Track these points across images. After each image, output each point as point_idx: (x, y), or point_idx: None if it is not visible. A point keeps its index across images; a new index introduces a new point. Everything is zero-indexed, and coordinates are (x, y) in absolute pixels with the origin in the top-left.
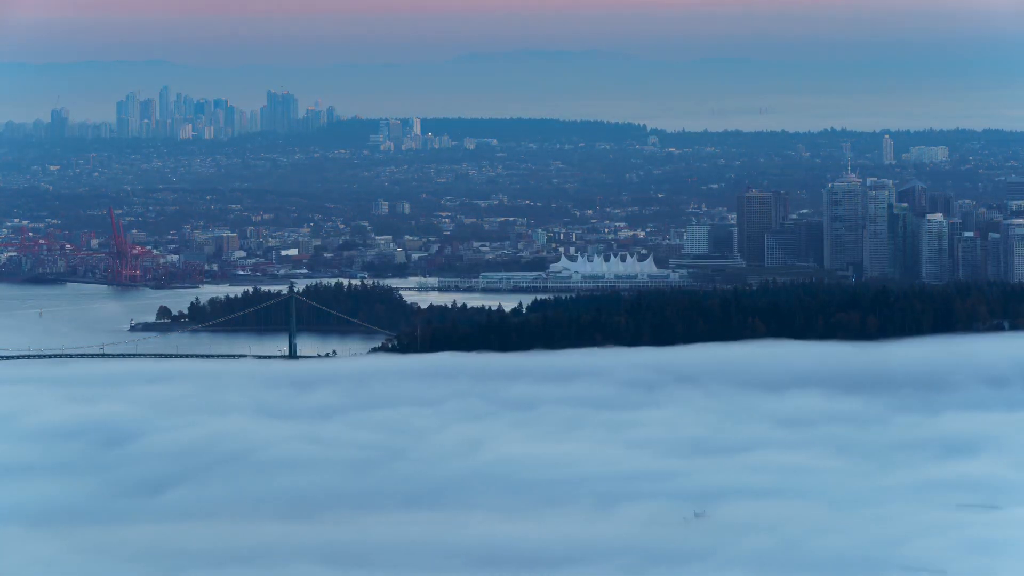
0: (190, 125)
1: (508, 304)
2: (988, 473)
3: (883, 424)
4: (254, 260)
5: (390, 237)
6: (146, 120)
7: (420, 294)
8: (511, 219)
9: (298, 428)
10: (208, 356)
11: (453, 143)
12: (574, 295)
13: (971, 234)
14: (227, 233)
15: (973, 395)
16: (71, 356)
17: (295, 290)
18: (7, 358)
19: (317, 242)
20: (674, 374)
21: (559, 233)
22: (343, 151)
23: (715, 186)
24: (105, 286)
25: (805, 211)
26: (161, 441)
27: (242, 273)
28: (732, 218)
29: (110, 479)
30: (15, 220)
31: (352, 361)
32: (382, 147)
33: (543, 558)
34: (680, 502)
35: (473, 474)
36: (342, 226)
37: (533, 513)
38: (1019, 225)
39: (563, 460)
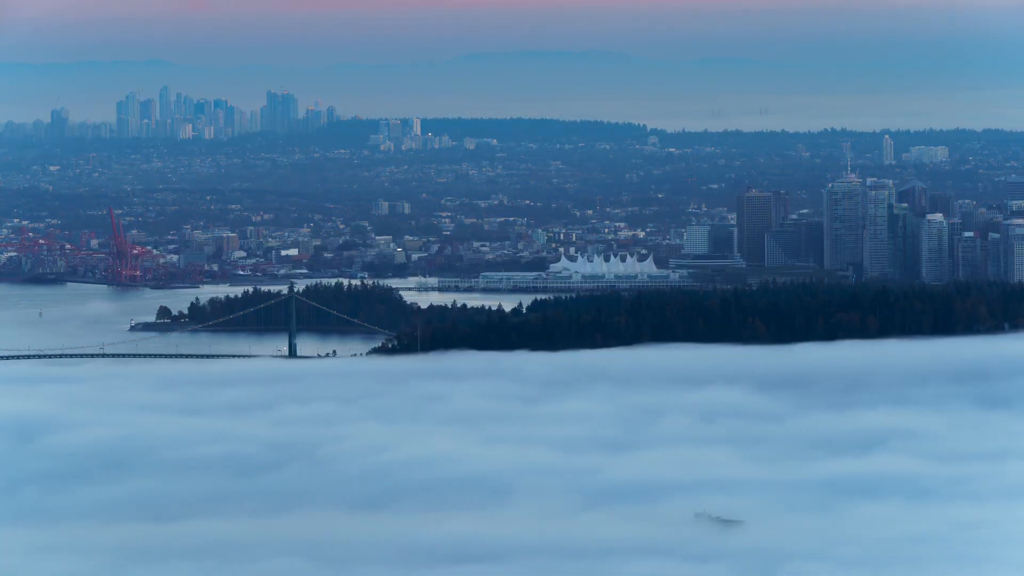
0: (190, 125)
1: (508, 304)
2: (894, 467)
3: (795, 420)
4: (254, 260)
5: (390, 237)
6: (146, 120)
7: (420, 294)
8: (511, 219)
9: (215, 425)
10: (208, 356)
11: (453, 143)
12: (574, 295)
13: (971, 234)
14: (227, 233)
15: (888, 394)
16: (71, 356)
17: (295, 290)
18: (7, 358)
19: (317, 242)
20: (600, 374)
21: (559, 233)
22: (343, 151)
23: (715, 186)
24: (105, 286)
25: (805, 211)
26: (71, 438)
27: (242, 273)
28: (732, 218)
29: (13, 474)
30: (15, 220)
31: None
32: (382, 147)
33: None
34: (598, 495)
35: (373, 473)
36: (342, 226)
37: (445, 513)
38: (1019, 225)
39: (468, 457)
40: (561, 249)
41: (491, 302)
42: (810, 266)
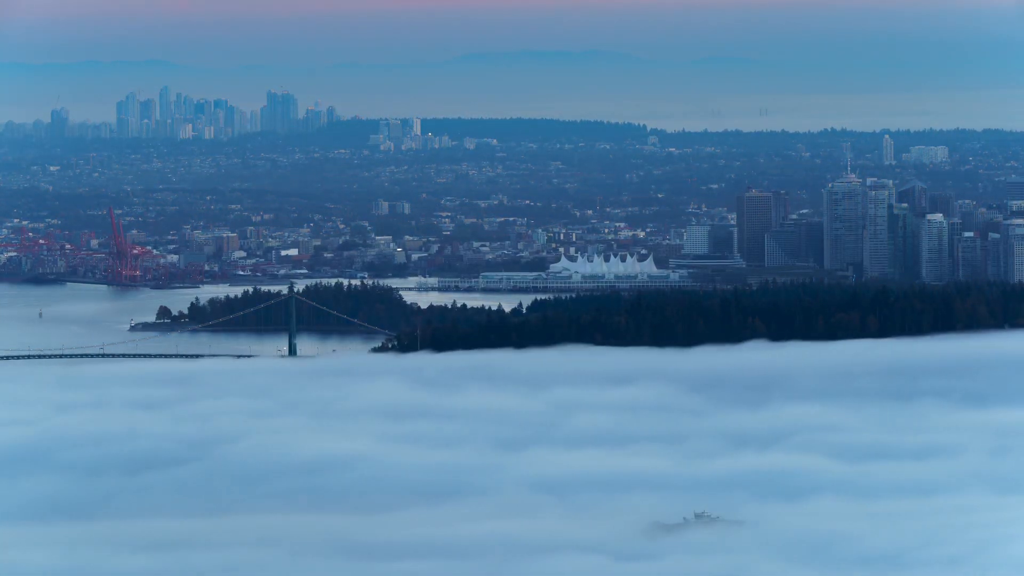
0: (190, 125)
1: (508, 304)
2: (798, 463)
3: (706, 417)
4: (254, 260)
5: (390, 237)
6: (146, 120)
7: (420, 294)
8: (511, 219)
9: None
10: (208, 356)
11: (453, 143)
12: (574, 295)
13: (971, 234)
14: (227, 233)
15: (797, 392)
16: (71, 356)
17: (295, 290)
18: (7, 358)
19: (317, 242)
20: (507, 374)
21: (559, 233)
22: (343, 151)
23: (715, 186)
24: (105, 286)
25: (805, 211)
26: None
27: (242, 273)
28: (732, 218)
29: None
30: (15, 220)
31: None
32: (382, 147)
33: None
34: (516, 492)
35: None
36: (342, 226)
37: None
38: (1019, 225)
39: (388, 455)
40: (561, 249)
41: (491, 302)
42: (810, 266)
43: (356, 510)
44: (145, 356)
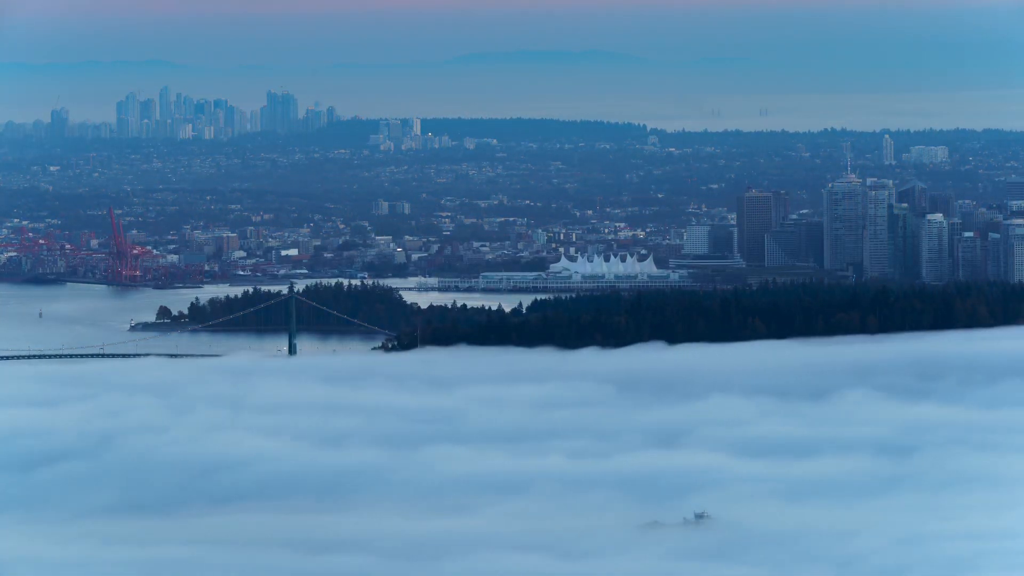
0: (190, 125)
1: (508, 304)
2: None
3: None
4: (254, 260)
5: (390, 237)
6: (146, 120)
7: (420, 294)
8: (511, 219)
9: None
10: (207, 356)
11: (453, 143)
12: (574, 295)
13: (971, 234)
14: (227, 233)
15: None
16: (71, 356)
17: (295, 290)
18: (7, 358)
19: (317, 242)
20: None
21: (559, 233)
22: (343, 151)
23: (715, 186)
24: (105, 286)
25: (805, 211)
26: None
27: (242, 273)
28: (732, 218)
29: None
30: (15, 220)
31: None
32: (382, 147)
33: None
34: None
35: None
36: (342, 226)
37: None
38: (1019, 225)
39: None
40: (561, 249)
41: (491, 302)
42: (810, 266)
43: (287, 508)
44: (145, 356)
